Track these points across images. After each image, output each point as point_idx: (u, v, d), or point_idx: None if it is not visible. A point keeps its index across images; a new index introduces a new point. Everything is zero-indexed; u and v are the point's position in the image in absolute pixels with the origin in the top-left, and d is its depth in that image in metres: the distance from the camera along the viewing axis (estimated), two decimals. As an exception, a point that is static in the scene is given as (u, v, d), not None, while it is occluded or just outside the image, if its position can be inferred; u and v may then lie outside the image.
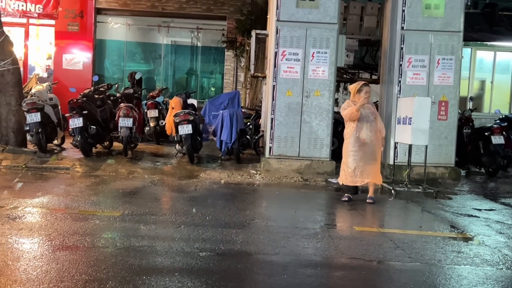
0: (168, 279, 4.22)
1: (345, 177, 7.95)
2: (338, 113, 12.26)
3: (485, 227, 6.74)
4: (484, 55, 15.19)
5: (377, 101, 11.43)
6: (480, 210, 7.83)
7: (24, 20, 14.98)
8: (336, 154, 10.71)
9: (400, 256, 5.23)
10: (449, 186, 9.67)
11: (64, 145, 11.46)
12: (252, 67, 12.25)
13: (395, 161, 9.68)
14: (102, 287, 3.96)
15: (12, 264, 4.40)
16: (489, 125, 11.68)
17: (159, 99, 13.13)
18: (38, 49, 16.07)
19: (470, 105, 13.04)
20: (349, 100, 7.99)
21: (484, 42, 14.59)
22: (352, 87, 8.01)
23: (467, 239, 6.09)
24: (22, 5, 14.44)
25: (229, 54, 15.79)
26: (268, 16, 12.46)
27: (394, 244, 5.65)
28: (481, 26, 15.03)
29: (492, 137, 10.83)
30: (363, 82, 8.21)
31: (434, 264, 5.04)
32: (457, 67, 10.08)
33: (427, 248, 5.57)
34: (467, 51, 14.20)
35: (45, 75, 14.26)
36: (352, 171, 7.81)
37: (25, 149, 10.40)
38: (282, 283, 4.33)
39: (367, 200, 7.83)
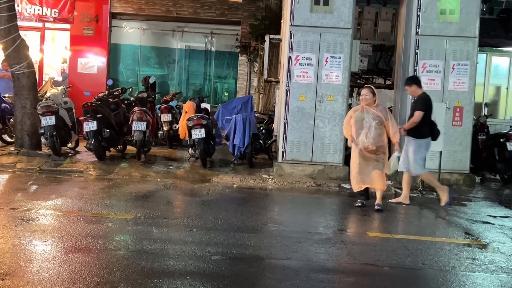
0: (179, 282, 4.22)
1: (352, 183, 7.94)
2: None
3: (500, 234, 6.67)
4: (499, 61, 15.03)
5: (391, 106, 11.37)
6: (495, 217, 7.75)
7: (40, 24, 15.11)
8: (350, 160, 10.67)
9: (413, 262, 5.18)
10: (463, 192, 9.57)
11: (78, 149, 11.51)
12: (265, 71, 12.25)
13: (409, 167, 9.60)
14: (114, 290, 3.97)
15: (25, 266, 4.42)
16: (505, 131, 11.56)
17: (173, 103, 13.15)
18: (53, 53, 16.19)
19: (485, 111, 12.92)
20: (355, 106, 8.01)
21: (500, 48, 14.45)
22: None
23: (481, 246, 6.02)
24: (38, 9, 14.56)
25: (242, 59, 15.79)
26: (282, 21, 12.46)
27: (407, 250, 5.60)
28: (497, 32, 14.88)
29: (508, 144, 10.72)
30: (366, 85, 8.20)
31: (448, 270, 4.98)
32: (472, 72, 9.99)
33: (441, 254, 5.52)
34: (482, 56, 14.07)
35: (60, 78, 14.36)
36: (355, 176, 7.77)
37: (40, 152, 10.47)
38: (294, 288, 4.31)
39: (375, 207, 7.67)
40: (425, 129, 8.19)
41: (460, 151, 9.98)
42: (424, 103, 8.22)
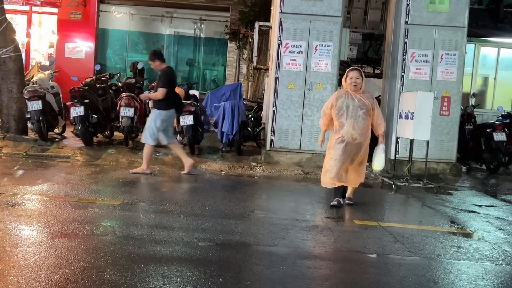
0: (166, 267, 4.21)
1: (324, 179, 7.02)
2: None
3: (485, 223, 6.73)
4: (487, 51, 15.13)
5: (379, 95, 11.39)
6: (480, 206, 7.82)
7: (27, 8, 14.96)
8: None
9: (399, 250, 5.21)
10: (450, 181, 9.65)
11: (65, 134, 11.45)
12: (254, 59, 12.21)
13: (396, 155, 9.65)
14: (100, 275, 3.95)
15: (11, 250, 4.38)
16: (491, 121, 11.65)
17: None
18: (40, 37, 16.03)
19: (472, 101, 13.02)
20: (337, 91, 7.19)
21: (488, 39, 14.52)
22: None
23: (466, 235, 6.08)
24: (25, -7, 14.41)
25: (231, 45, 15.74)
26: (271, 8, 12.41)
27: (393, 238, 5.63)
28: (486, 22, 14.95)
29: (494, 134, 10.82)
30: (353, 67, 7.25)
31: (434, 258, 5.02)
32: (460, 62, 10.03)
33: (426, 242, 5.56)
34: (470, 47, 14.14)
35: (47, 63, 14.23)
36: (331, 173, 6.82)
37: (26, 137, 10.39)
38: (281, 274, 4.31)
39: (346, 201, 7.07)
40: (168, 102, 8.47)
41: (447, 140, 10.05)
42: (166, 79, 8.47)
